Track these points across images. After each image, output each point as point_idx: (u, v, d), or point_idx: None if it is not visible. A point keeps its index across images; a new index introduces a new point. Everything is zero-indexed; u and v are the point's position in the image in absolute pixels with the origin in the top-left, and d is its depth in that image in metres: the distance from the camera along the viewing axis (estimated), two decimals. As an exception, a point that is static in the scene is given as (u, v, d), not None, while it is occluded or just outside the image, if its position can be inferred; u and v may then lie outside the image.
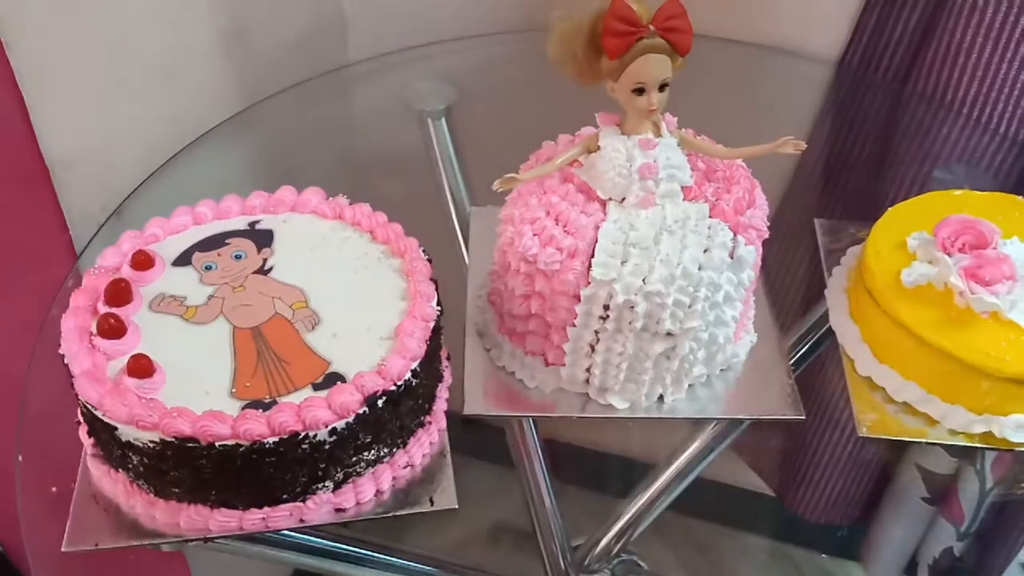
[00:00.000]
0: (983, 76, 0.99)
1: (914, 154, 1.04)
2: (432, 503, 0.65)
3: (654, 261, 0.65)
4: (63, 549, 0.61)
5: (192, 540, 0.63)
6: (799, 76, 1.14)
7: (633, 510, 0.83)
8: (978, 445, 0.68)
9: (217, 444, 0.58)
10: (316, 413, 0.59)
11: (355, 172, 1.07)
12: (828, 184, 1.04)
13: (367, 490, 0.64)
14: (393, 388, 0.62)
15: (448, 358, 0.73)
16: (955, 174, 0.97)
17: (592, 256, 0.65)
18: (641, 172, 0.67)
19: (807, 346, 0.80)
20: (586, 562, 0.81)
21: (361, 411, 0.61)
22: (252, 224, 0.74)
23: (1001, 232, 0.71)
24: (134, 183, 0.94)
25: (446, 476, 0.67)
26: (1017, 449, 0.68)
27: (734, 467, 0.94)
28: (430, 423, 0.68)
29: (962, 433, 0.68)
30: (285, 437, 0.59)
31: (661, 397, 0.71)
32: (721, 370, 0.73)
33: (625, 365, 0.68)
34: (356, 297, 0.68)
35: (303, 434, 0.59)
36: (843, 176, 1.05)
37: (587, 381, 0.70)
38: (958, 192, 0.80)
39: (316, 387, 0.62)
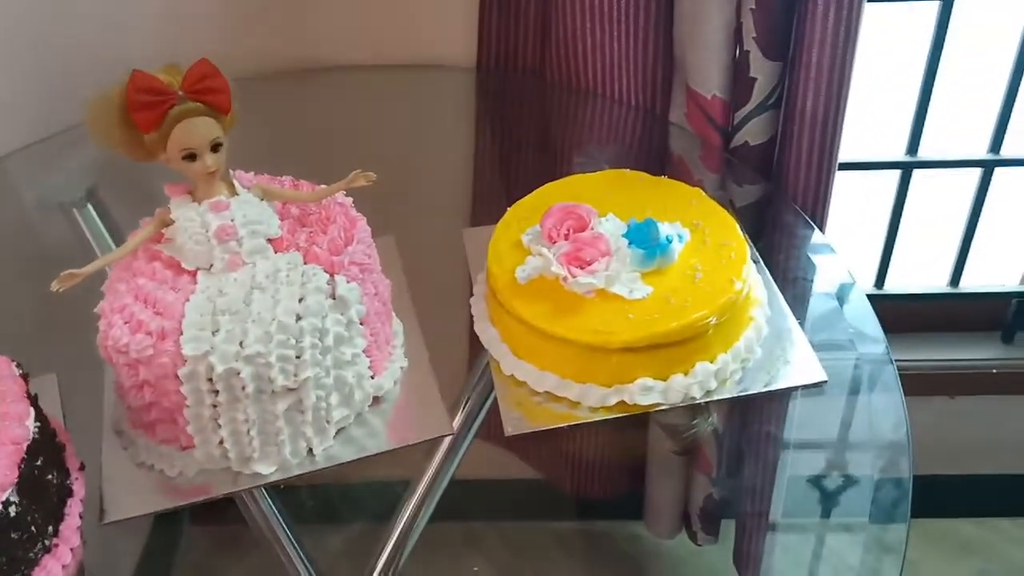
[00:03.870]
0: (602, 55, 1.04)
1: (562, 143, 1.08)
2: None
3: (247, 323, 0.63)
4: None
5: None
6: (446, 87, 1.16)
7: (396, 533, 0.80)
8: (617, 415, 0.70)
9: None
10: None
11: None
12: (490, 190, 1.06)
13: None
14: (-19, 528, 0.57)
15: (82, 468, 0.68)
16: (593, 157, 1.01)
17: (182, 333, 0.63)
18: (218, 235, 0.65)
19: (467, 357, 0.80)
20: None
21: (-54, 566, 0.55)
22: None
23: (597, 212, 0.74)
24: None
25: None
26: (653, 410, 0.70)
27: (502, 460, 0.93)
28: (57, 546, 0.63)
29: (601, 408, 0.71)
30: None
31: (310, 450, 0.69)
32: (371, 405, 0.72)
33: (255, 431, 0.66)
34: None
35: None
36: (502, 179, 1.07)
37: (224, 455, 0.68)
38: (569, 179, 0.83)
39: None
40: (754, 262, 0.77)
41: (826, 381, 0.72)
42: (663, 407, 0.70)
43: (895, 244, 1.27)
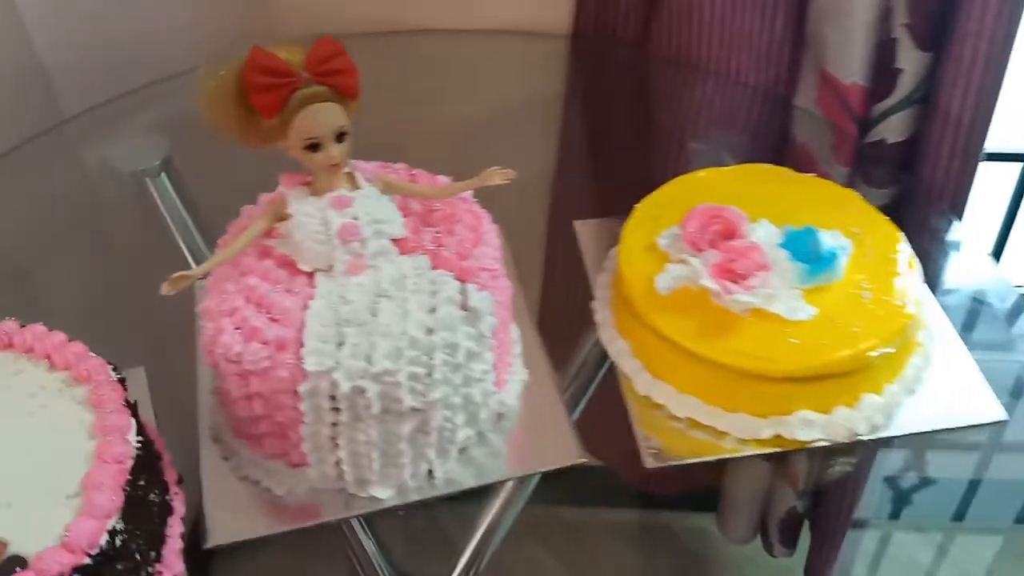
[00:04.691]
0: (721, 28, 0.95)
1: (670, 125, 1.00)
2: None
3: (375, 336, 0.56)
4: None
5: None
6: (536, 56, 1.07)
7: (472, 546, 0.75)
8: (771, 451, 0.63)
9: None
10: (-12, 624, 0.48)
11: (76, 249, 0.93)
12: (589, 176, 0.98)
13: None
14: (88, 561, 0.51)
15: (180, 481, 0.62)
16: (711, 141, 0.93)
17: (303, 344, 0.56)
18: (341, 235, 0.58)
19: (589, 371, 0.73)
20: None
21: (55, 602, 0.50)
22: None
23: (748, 217, 0.67)
24: None
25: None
26: (811, 446, 0.63)
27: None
28: (160, 573, 0.57)
29: (752, 440, 0.64)
30: (-48, 662, 0.48)
31: (430, 472, 0.63)
32: (495, 422, 0.66)
33: (376, 453, 0.59)
34: (33, 447, 0.56)
35: (-23, 653, 0.48)
36: (602, 163, 0.99)
37: (340, 476, 0.61)
38: (702, 173, 0.76)
39: (-8, 581, 0.50)
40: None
41: (1006, 421, 0.64)
42: (822, 443, 0.63)
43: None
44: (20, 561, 0.51)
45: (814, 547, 0.81)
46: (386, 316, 0.57)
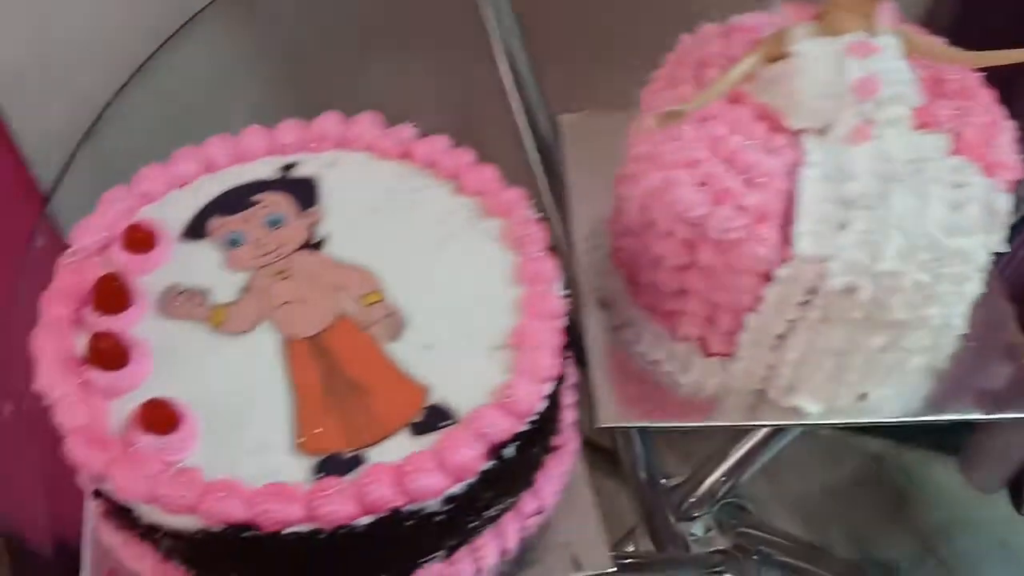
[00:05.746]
0: None
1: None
2: (578, 565, 0.48)
3: (888, 227, 0.45)
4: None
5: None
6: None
7: (746, 448, 0.67)
8: None
9: (285, 532, 0.40)
10: (425, 481, 0.41)
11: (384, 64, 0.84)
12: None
13: (488, 553, 0.47)
14: (526, 427, 0.43)
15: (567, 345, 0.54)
16: None
17: (789, 220, 0.46)
18: (857, 90, 0.46)
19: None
20: (683, 506, 0.68)
21: (485, 467, 0.42)
22: (286, 169, 0.53)
23: None
24: (106, 94, 0.72)
25: (588, 520, 0.49)
26: None
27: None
28: (559, 447, 0.50)
29: None
30: (383, 515, 0.41)
31: (864, 395, 0.53)
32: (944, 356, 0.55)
33: (828, 362, 0.49)
34: (447, 283, 0.48)
35: (407, 509, 0.41)
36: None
37: (769, 379, 0.52)
38: None
39: (416, 429, 0.43)
40: None
41: None
42: None
43: None
44: (444, 414, 0.43)
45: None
46: (901, 204, 0.45)
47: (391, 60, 0.80)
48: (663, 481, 0.67)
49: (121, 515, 0.44)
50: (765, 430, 0.65)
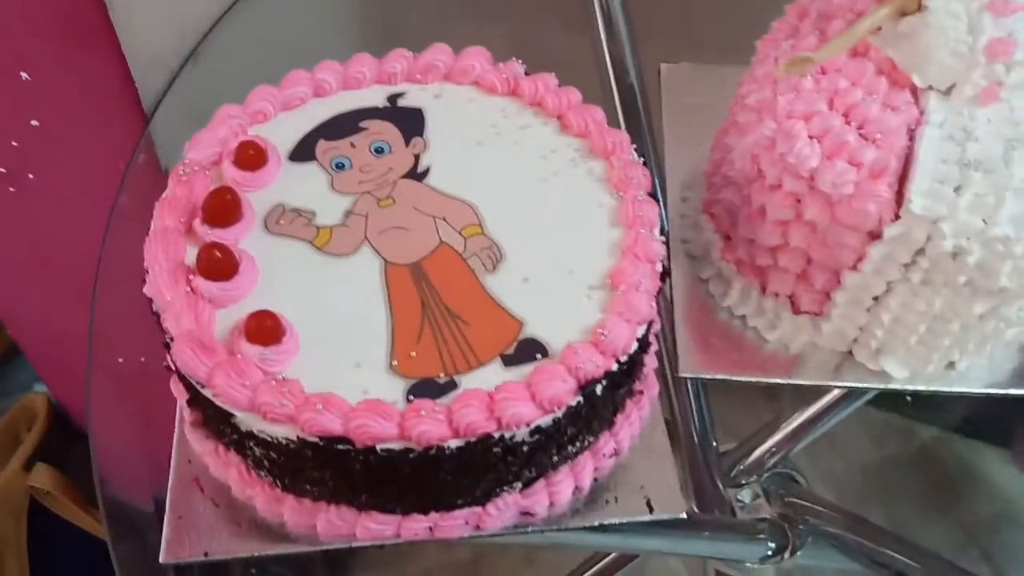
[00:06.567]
0: None
1: None
2: (651, 508, 0.48)
3: (1003, 191, 0.44)
4: (161, 561, 0.46)
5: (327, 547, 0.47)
6: None
7: (799, 421, 0.67)
8: None
9: (378, 448, 0.42)
10: (516, 409, 0.41)
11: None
12: None
13: (563, 488, 0.47)
14: (616, 368, 0.44)
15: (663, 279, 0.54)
16: None
17: (906, 178, 0.45)
18: (989, 50, 0.45)
19: None
20: (732, 472, 0.68)
21: (574, 402, 0.43)
22: (393, 99, 0.54)
23: None
24: (211, 17, 0.73)
25: (664, 464, 0.49)
26: None
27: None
28: (640, 392, 0.50)
29: None
30: (472, 440, 0.42)
31: (952, 364, 0.52)
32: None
33: (924, 327, 0.49)
34: (547, 220, 0.48)
35: (495, 436, 0.42)
36: None
37: (859, 340, 0.51)
38: None
39: (507, 360, 0.44)
40: None
41: None
42: None
43: None
44: (539, 347, 0.44)
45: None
46: (1022, 170, 0.44)
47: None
48: (714, 444, 0.67)
49: (215, 423, 0.45)
50: (821, 405, 0.65)
